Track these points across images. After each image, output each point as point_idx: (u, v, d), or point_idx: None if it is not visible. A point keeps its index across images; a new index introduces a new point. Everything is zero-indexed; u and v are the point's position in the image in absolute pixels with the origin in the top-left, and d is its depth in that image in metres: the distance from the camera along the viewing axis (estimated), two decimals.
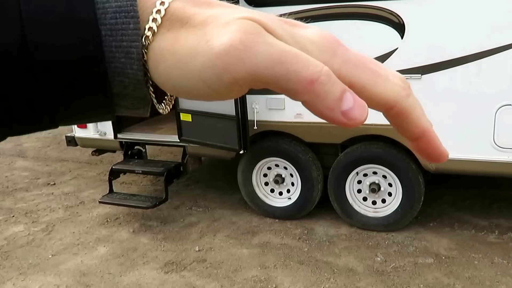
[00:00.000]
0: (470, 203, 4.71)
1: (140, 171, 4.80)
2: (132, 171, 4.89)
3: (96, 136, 5.04)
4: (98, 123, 4.96)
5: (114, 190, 4.96)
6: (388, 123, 0.36)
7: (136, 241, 4.42)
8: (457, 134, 3.66)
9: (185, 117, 4.33)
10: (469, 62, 3.47)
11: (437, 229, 4.25)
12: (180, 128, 4.43)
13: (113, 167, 4.92)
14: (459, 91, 3.57)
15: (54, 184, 6.07)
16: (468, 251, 3.88)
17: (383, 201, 4.21)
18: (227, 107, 3.91)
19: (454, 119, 3.64)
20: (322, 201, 4.48)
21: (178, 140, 4.54)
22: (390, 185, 4.14)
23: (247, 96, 4.10)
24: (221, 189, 5.48)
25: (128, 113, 0.36)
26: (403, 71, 3.66)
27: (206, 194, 5.40)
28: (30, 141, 8.22)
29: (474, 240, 4.04)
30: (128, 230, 4.65)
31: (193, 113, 4.26)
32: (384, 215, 4.21)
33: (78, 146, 5.28)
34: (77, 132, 5.14)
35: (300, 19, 0.35)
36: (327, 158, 4.37)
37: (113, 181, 4.94)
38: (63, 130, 8.49)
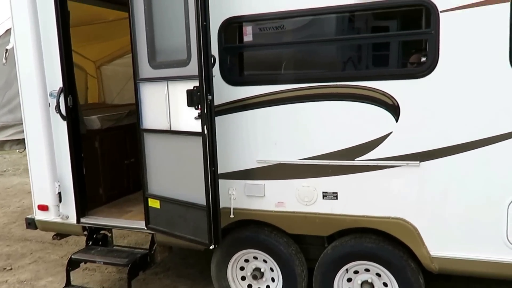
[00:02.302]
0: None
1: (102, 262, 4.22)
2: (93, 261, 4.31)
3: (58, 219, 4.50)
4: (61, 206, 4.46)
5: (73, 281, 4.38)
6: (381, 215, 0.10)
7: None
8: (464, 231, 3.19)
9: (153, 203, 3.84)
10: (475, 148, 3.05)
11: None
12: (148, 215, 3.93)
13: (72, 256, 4.34)
14: (465, 181, 3.12)
15: (11, 269, 5.44)
16: None
17: None
18: (198, 195, 3.42)
19: (460, 213, 3.17)
20: None
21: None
22: (385, 284, 3.59)
23: (223, 180, 3.64)
24: (193, 279, 4.87)
25: None
26: (399, 158, 3.23)
27: (177, 285, 4.78)
28: None
29: None
30: None
31: (162, 199, 3.77)
32: None
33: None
34: (38, 214, 4.61)
35: (286, 99, 0.11)
36: (312, 249, 3.84)
37: (72, 272, 4.37)
38: (32, 205, 7.94)
